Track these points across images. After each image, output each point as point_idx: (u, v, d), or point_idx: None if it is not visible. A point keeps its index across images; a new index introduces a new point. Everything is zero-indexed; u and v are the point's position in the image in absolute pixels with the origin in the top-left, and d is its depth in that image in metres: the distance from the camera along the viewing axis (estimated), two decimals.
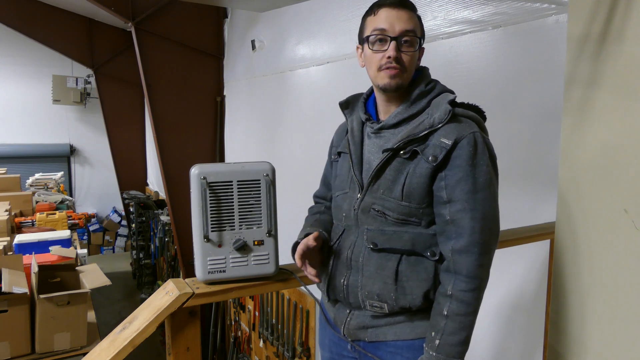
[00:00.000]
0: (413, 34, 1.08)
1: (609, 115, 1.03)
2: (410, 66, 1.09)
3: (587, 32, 1.05)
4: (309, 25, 3.37)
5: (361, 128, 1.19)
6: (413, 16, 1.10)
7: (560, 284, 1.17)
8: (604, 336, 1.06)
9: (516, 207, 1.84)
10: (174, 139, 4.64)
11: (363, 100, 1.21)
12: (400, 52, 1.07)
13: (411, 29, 1.08)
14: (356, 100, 1.24)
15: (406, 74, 1.09)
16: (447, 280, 1.04)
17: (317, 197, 1.39)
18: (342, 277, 1.15)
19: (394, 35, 1.07)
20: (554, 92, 1.70)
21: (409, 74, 1.10)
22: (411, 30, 1.08)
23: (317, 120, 3.28)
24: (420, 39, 1.11)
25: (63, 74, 7.72)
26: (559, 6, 1.71)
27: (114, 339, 1.10)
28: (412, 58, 1.09)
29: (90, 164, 8.47)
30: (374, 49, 1.09)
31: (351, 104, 1.24)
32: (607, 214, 1.04)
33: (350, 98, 1.25)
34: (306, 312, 3.47)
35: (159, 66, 4.53)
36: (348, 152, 1.18)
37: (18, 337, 2.30)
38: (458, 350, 1.02)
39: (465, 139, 1.02)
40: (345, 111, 1.24)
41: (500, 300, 2.00)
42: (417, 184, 1.06)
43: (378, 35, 1.08)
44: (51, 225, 4.23)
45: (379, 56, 1.09)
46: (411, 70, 1.10)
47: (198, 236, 1.22)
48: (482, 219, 1.02)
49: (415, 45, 1.09)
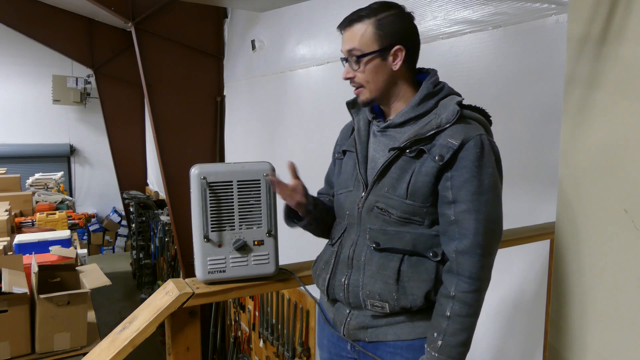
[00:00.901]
0: (357, 51, 1.09)
1: (609, 115, 1.03)
2: (367, 81, 1.11)
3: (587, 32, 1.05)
4: (309, 25, 3.37)
5: (367, 127, 1.20)
6: (358, 30, 1.09)
7: (561, 284, 1.17)
8: (604, 336, 1.06)
9: (516, 207, 1.84)
10: (174, 139, 4.64)
11: None
12: (354, 70, 1.11)
13: (351, 48, 1.10)
14: None
15: (367, 89, 1.12)
16: (450, 281, 1.04)
17: (320, 194, 1.40)
18: (343, 276, 1.15)
19: (343, 57, 1.13)
20: (554, 92, 1.70)
21: (374, 87, 1.12)
22: (352, 49, 1.10)
23: (317, 120, 3.28)
24: (365, 54, 1.08)
25: (63, 74, 7.72)
26: (559, 6, 1.71)
27: (114, 339, 1.10)
28: (367, 73, 1.11)
29: (90, 164, 8.47)
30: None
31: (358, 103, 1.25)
32: (607, 214, 1.04)
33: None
34: (306, 312, 3.47)
35: (159, 66, 4.53)
36: (354, 150, 1.19)
37: (18, 337, 2.30)
38: (460, 351, 1.02)
39: (472, 140, 1.03)
40: (352, 110, 1.26)
41: (500, 300, 2.00)
42: (423, 183, 1.06)
43: (341, 60, 1.14)
44: (51, 225, 4.23)
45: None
46: (374, 81, 1.11)
47: (198, 236, 1.22)
48: (486, 221, 1.02)
49: (361, 62, 1.10)
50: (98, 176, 8.44)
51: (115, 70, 7.31)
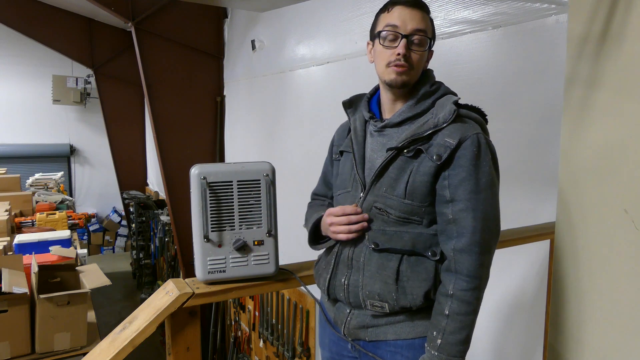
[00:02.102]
0: (424, 34, 1.09)
1: (609, 115, 1.03)
2: (418, 65, 1.11)
3: (587, 32, 1.05)
4: (309, 25, 3.37)
5: (364, 127, 1.20)
6: (426, 17, 1.12)
7: (560, 284, 1.17)
8: (604, 336, 1.06)
9: (516, 207, 1.84)
10: (174, 139, 4.64)
11: (367, 99, 1.23)
12: (410, 50, 1.09)
13: (423, 29, 1.09)
14: (359, 100, 1.25)
15: (413, 72, 1.11)
16: (448, 279, 1.04)
17: (317, 195, 1.39)
18: (343, 277, 1.16)
19: (406, 33, 1.08)
20: (554, 92, 1.70)
21: (416, 73, 1.12)
22: (422, 30, 1.09)
23: (317, 120, 3.28)
24: (431, 40, 1.12)
25: (63, 74, 7.72)
26: (559, 6, 1.71)
27: (114, 339, 1.10)
28: (421, 57, 1.11)
29: (90, 164, 8.47)
30: (385, 45, 1.11)
31: (354, 103, 1.25)
32: (607, 214, 1.04)
33: (354, 98, 1.26)
34: (306, 312, 3.47)
35: (159, 66, 4.53)
36: (351, 151, 1.19)
37: (18, 337, 2.30)
38: (459, 349, 1.02)
39: (469, 139, 1.03)
40: (348, 110, 1.25)
41: (500, 300, 2.00)
42: (421, 182, 1.06)
43: (390, 31, 1.10)
44: (51, 225, 4.23)
45: (388, 52, 1.10)
46: (419, 69, 1.12)
47: (198, 236, 1.22)
48: (484, 219, 1.02)
49: (425, 45, 1.11)
50: (98, 176, 8.44)
51: (115, 70, 7.31)
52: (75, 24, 6.88)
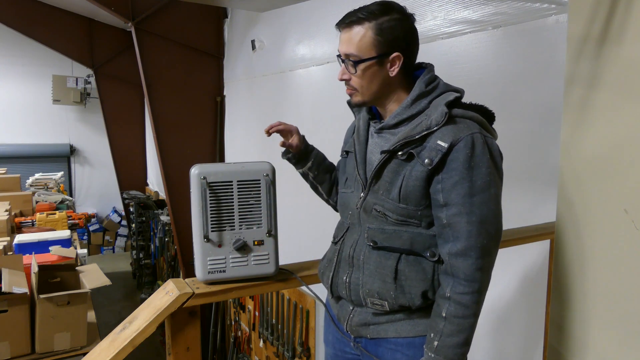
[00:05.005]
0: (354, 56, 1.07)
1: (609, 115, 1.02)
2: (361, 85, 1.09)
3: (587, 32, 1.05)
4: (309, 25, 3.37)
5: (367, 127, 1.20)
6: (357, 33, 1.05)
7: (561, 284, 1.17)
8: (604, 336, 1.06)
9: (516, 207, 1.84)
10: (174, 139, 4.64)
11: None
12: (350, 73, 1.10)
13: (349, 53, 1.07)
14: None
15: (360, 93, 1.11)
16: (446, 282, 1.04)
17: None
18: (344, 275, 1.17)
19: (342, 57, 1.10)
20: (554, 92, 1.70)
21: (367, 91, 1.10)
22: (349, 54, 1.07)
23: (316, 120, 3.28)
24: (361, 60, 1.06)
25: (63, 74, 7.72)
26: (559, 6, 1.71)
27: (114, 339, 1.10)
28: (361, 78, 1.09)
29: (90, 164, 8.47)
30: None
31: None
32: (607, 214, 1.04)
33: None
34: (306, 312, 3.47)
35: (159, 66, 4.53)
36: (354, 150, 1.19)
37: (18, 337, 2.30)
38: (457, 352, 1.01)
39: (462, 141, 1.00)
40: (354, 110, 1.26)
41: (500, 299, 2.00)
42: (414, 187, 1.05)
43: (338, 57, 1.12)
44: (51, 225, 4.23)
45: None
46: (368, 87, 1.10)
47: (198, 236, 1.22)
48: (480, 223, 1.01)
49: (355, 67, 1.07)
50: (98, 176, 8.44)
51: (115, 70, 7.31)
52: (75, 24, 6.88)
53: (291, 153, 1.32)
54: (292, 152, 1.32)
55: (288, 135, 1.30)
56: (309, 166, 1.33)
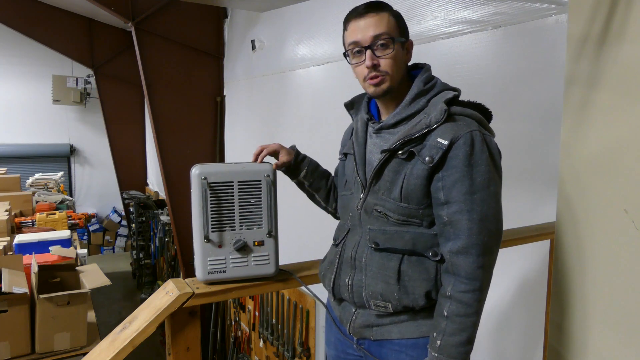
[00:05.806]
0: (386, 36, 1.07)
1: (609, 115, 1.02)
2: (392, 68, 1.09)
3: (587, 32, 1.05)
4: (309, 25, 3.37)
5: (365, 128, 1.20)
6: (382, 17, 1.08)
7: (560, 284, 1.17)
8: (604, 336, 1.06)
9: (516, 207, 1.84)
10: (174, 139, 4.64)
11: (366, 100, 1.22)
12: (378, 57, 1.08)
13: (381, 32, 1.07)
14: (360, 100, 1.25)
15: (390, 76, 1.09)
16: (447, 281, 1.04)
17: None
18: (347, 277, 1.16)
19: (367, 44, 1.08)
20: (554, 92, 1.70)
21: (396, 75, 1.10)
22: (382, 34, 1.07)
23: (317, 120, 3.28)
24: (394, 39, 1.08)
25: (63, 74, 7.72)
26: (559, 6, 1.71)
27: (114, 339, 1.10)
28: (393, 59, 1.09)
29: (90, 164, 8.47)
30: (354, 63, 1.12)
31: (356, 104, 1.25)
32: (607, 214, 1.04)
33: (355, 98, 1.26)
34: (306, 312, 3.47)
35: (159, 66, 4.53)
36: (352, 152, 1.19)
37: (18, 337, 2.30)
38: (460, 351, 1.01)
39: (462, 138, 1.01)
40: (351, 111, 1.26)
41: (500, 299, 2.00)
42: (415, 185, 1.05)
43: (354, 49, 1.10)
44: (51, 225, 4.23)
45: (360, 68, 1.11)
46: (397, 70, 1.10)
47: (198, 236, 1.22)
48: (480, 220, 1.01)
49: (390, 46, 1.08)
50: (98, 176, 8.44)
51: (115, 70, 7.30)
52: (75, 24, 6.88)
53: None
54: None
55: (275, 155, 1.33)
56: (303, 175, 1.34)
